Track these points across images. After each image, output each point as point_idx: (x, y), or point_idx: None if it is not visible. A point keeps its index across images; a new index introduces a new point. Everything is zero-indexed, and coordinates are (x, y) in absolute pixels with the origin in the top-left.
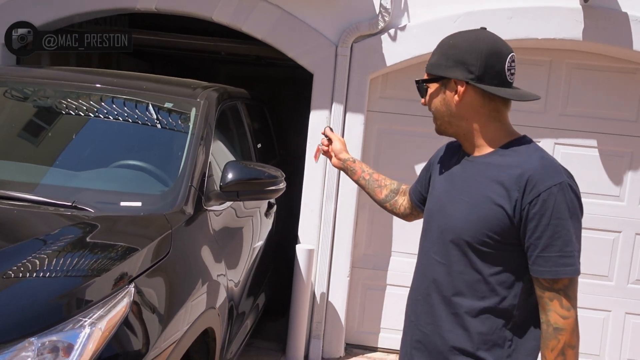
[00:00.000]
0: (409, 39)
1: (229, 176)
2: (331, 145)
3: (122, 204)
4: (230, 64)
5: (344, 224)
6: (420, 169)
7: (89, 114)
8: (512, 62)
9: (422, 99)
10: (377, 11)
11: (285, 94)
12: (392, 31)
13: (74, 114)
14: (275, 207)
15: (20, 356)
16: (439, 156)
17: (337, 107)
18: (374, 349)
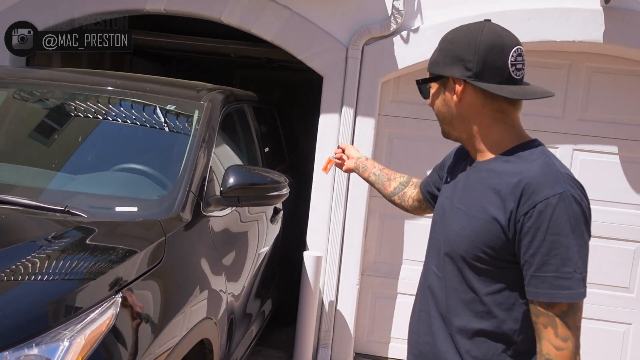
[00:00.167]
0: (422, 41)
1: (230, 181)
2: (344, 152)
3: (117, 209)
4: (245, 67)
5: (354, 231)
6: (429, 173)
7: (89, 116)
8: (517, 57)
9: (427, 99)
10: (389, 12)
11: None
12: (404, 33)
13: (74, 115)
14: (281, 212)
15: None
16: (450, 160)
17: (347, 111)
18: (383, 359)
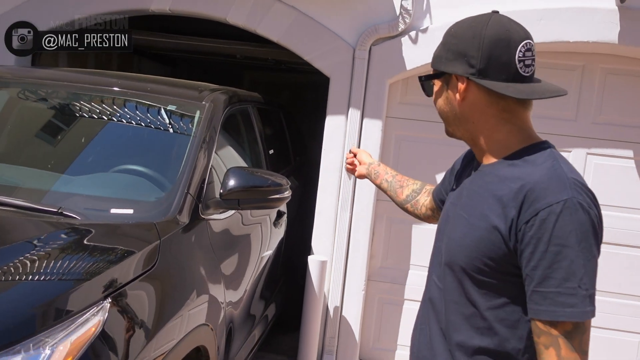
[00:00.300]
0: (431, 41)
1: (230, 183)
2: (356, 157)
3: (113, 211)
4: (254, 70)
5: (360, 235)
6: (441, 178)
7: (89, 116)
8: (526, 52)
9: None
10: (398, 12)
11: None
12: (413, 33)
13: (73, 116)
14: (285, 215)
15: None
16: (459, 164)
17: (354, 113)
18: None
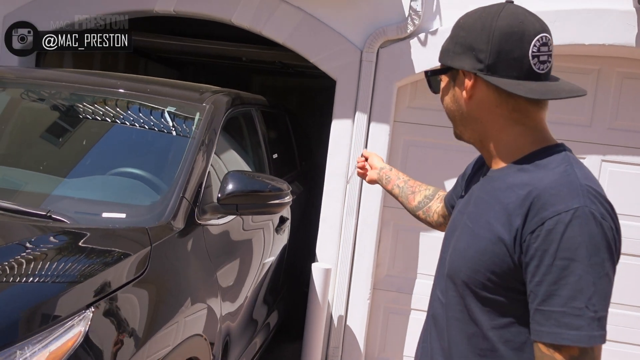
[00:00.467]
0: (441, 44)
1: (229, 187)
2: (367, 161)
3: (105, 215)
4: (263, 74)
5: (366, 242)
6: (450, 185)
7: (86, 117)
8: (542, 46)
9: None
10: (406, 14)
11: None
12: (422, 35)
13: (70, 117)
14: (288, 221)
15: None
16: (470, 169)
17: (361, 117)
18: None
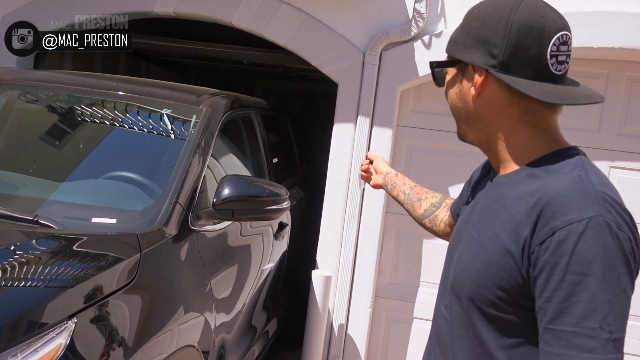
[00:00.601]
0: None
1: (225, 192)
2: (371, 164)
3: (94, 220)
4: (267, 78)
5: (367, 249)
6: (455, 191)
7: (80, 120)
8: (561, 45)
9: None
10: (410, 16)
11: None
12: (426, 38)
13: (64, 119)
14: (288, 227)
15: None
16: (477, 174)
17: (363, 121)
18: None
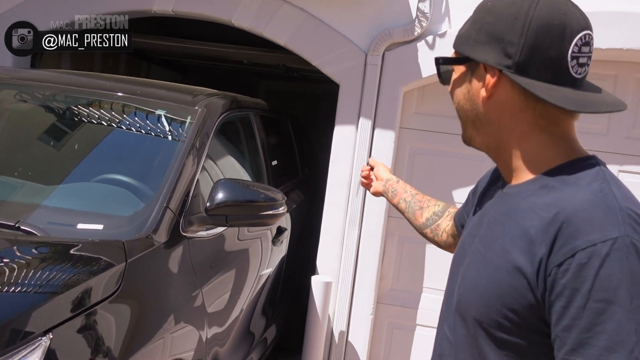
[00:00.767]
0: (450, 47)
1: (218, 196)
2: (372, 170)
3: (80, 226)
4: (269, 79)
5: (369, 254)
6: (460, 196)
7: (70, 120)
8: (583, 46)
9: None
10: (414, 15)
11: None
12: (429, 38)
13: (54, 119)
14: (287, 232)
15: None
16: (484, 182)
17: (365, 123)
18: None
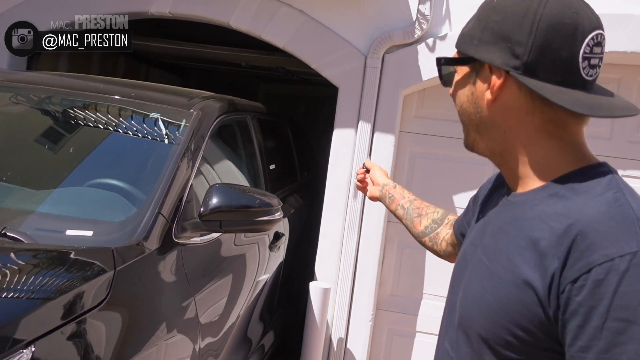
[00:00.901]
0: (450, 50)
1: (212, 202)
2: (368, 174)
3: (69, 232)
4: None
5: (368, 259)
6: (460, 201)
7: (62, 123)
8: (595, 46)
9: (449, 88)
10: (414, 18)
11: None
12: (430, 41)
13: (45, 122)
14: (285, 237)
15: None
16: (486, 189)
17: (364, 126)
18: None
